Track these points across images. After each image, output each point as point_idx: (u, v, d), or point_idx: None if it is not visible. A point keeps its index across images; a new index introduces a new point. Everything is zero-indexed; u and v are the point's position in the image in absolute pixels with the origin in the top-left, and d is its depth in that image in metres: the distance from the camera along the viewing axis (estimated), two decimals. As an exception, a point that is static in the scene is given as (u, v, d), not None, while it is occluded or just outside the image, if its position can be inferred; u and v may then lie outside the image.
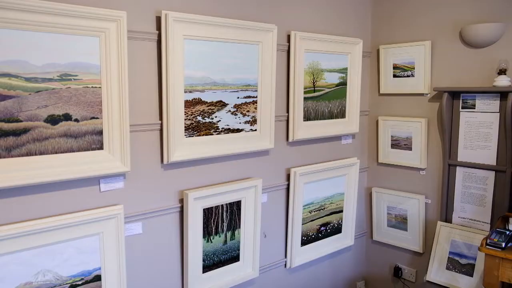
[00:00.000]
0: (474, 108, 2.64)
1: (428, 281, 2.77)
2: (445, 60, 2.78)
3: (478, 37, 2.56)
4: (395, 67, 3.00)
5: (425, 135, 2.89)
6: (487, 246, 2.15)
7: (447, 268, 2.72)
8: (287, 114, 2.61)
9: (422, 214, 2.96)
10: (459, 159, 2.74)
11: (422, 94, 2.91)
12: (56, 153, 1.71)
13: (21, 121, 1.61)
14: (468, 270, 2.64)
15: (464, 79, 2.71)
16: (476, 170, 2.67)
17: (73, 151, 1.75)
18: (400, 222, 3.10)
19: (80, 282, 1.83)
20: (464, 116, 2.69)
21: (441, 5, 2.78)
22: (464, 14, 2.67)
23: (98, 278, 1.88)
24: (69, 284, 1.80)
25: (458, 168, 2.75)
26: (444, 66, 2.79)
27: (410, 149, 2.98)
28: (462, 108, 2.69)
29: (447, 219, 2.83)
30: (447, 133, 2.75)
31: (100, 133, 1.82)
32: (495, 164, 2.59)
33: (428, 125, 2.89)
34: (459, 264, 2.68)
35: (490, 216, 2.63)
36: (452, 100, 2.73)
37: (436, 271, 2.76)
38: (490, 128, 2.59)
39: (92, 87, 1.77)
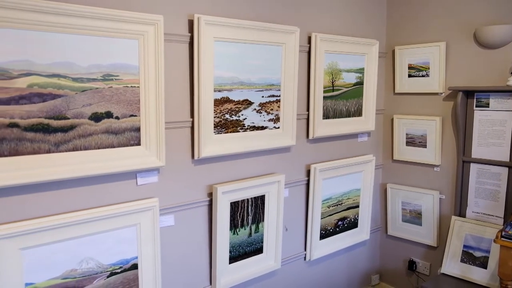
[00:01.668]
0: (488, 107, 2.73)
1: (443, 274, 2.86)
2: (460, 61, 2.88)
3: (492, 38, 2.65)
4: (410, 67, 3.10)
5: (439, 133, 2.99)
6: (502, 238, 2.24)
7: (462, 261, 2.82)
8: (307, 112, 2.71)
9: (437, 209, 3.05)
10: (473, 156, 2.83)
11: (436, 93, 3.00)
12: (98, 148, 1.82)
13: (68, 118, 1.73)
14: (482, 262, 2.73)
15: (478, 79, 2.80)
16: (489, 167, 2.77)
17: (114, 146, 1.87)
18: (414, 217, 3.19)
19: (119, 270, 1.95)
20: (478, 115, 2.79)
21: (456, 6, 2.87)
22: (478, 16, 2.76)
23: (135, 266, 1.99)
24: (109, 272, 1.91)
25: (472, 165, 2.85)
26: (459, 66, 2.88)
27: (425, 146, 3.07)
28: (476, 106, 2.79)
29: (461, 213, 2.92)
30: (461, 131, 2.84)
31: (138, 130, 1.94)
32: (508, 160, 2.68)
33: (442, 123, 2.99)
34: (473, 256, 2.78)
35: (504, 211, 2.72)
36: (467, 99, 2.83)
37: (450, 264, 2.86)
38: (503, 126, 2.68)
39: (131, 86, 1.89)
